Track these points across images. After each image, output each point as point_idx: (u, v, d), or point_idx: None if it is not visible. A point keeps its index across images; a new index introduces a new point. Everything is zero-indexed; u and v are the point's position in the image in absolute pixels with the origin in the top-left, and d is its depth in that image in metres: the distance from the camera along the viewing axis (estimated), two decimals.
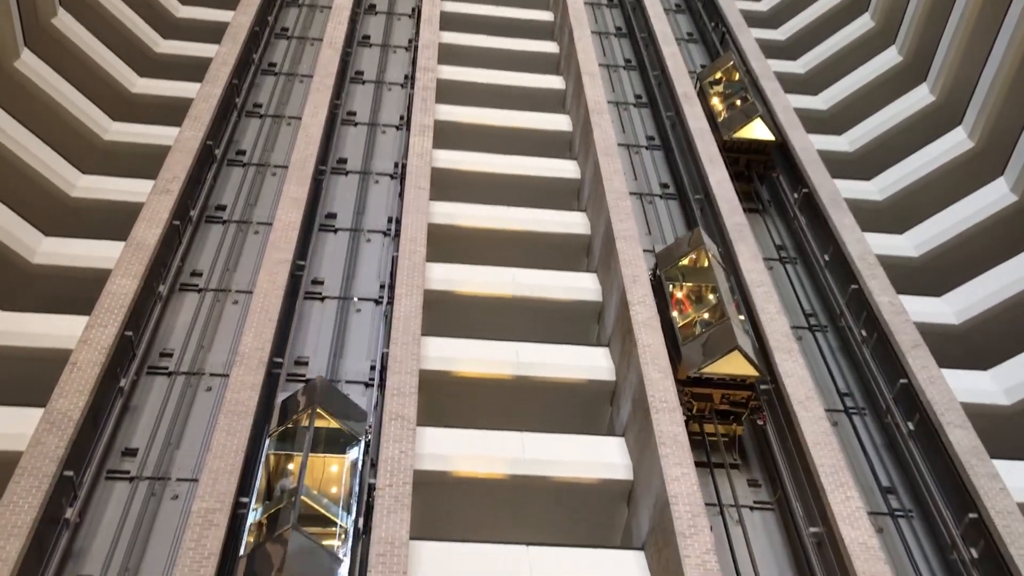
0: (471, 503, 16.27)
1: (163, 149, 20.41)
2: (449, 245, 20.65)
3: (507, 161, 23.47)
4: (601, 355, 18.70)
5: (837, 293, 19.94)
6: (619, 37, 30.04)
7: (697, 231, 19.24)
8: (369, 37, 28.30)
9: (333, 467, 13.87)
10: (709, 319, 17.34)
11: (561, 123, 25.63)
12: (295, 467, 13.41)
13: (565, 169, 23.91)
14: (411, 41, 27.98)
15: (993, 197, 21.94)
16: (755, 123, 22.94)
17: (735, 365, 16.03)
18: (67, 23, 23.79)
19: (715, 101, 24.54)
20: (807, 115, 26.78)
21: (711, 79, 25.31)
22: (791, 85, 28.73)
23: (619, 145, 23.76)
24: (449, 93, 25.62)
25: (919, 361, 17.28)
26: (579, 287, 20.27)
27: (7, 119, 20.20)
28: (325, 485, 13.56)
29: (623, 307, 17.95)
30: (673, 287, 18.33)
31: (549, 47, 29.38)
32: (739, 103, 23.96)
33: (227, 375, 15.92)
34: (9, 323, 17.08)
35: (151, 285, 17.29)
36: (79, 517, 13.67)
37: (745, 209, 21.35)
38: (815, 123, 27.20)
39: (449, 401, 17.66)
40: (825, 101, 28.98)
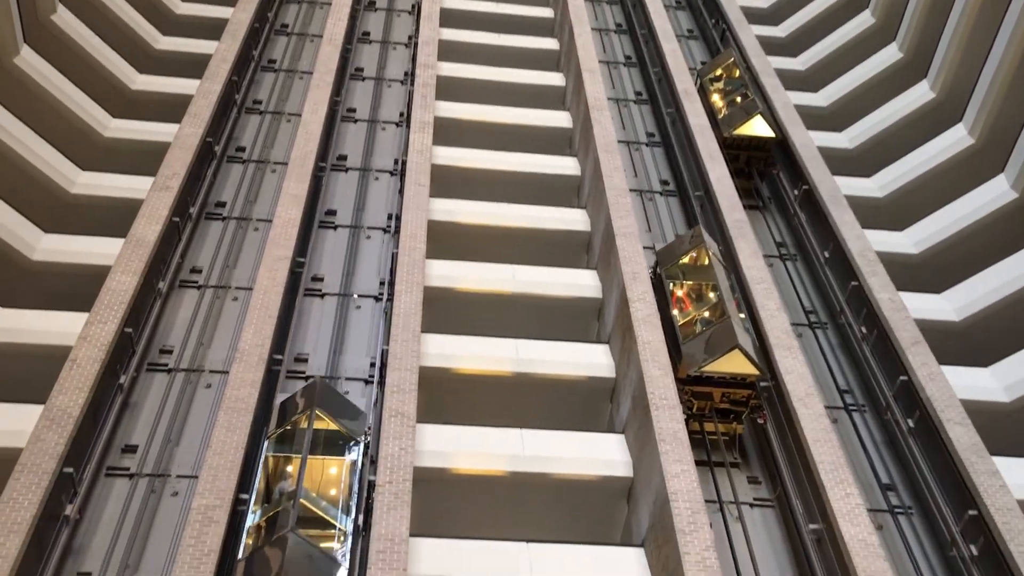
0: (471, 500, 16.28)
1: (163, 146, 20.39)
2: (449, 242, 20.63)
3: (507, 158, 23.44)
4: (601, 352, 18.70)
5: (837, 290, 19.93)
6: (619, 33, 30.00)
7: (698, 229, 19.19)
8: (369, 33, 28.27)
9: (332, 469, 13.82)
10: (710, 318, 17.29)
11: (561, 119, 25.59)
12: (294, 469, 13.38)
13: (565, 166, 23.89)
14: (411, 37, 27.95)
15: (993, 194, 21.92)
16: (755, 120, 22.93)
17: (736, 364, 16.01)
18: (67, 19, 23.75)
19: (715, 98, 24.51)
20: (807, 112, 26.76)
21: (711, 76, 25.28)
22: (791, 82, 28.72)
23: (619, 142, 23.74)
24: (449, 89, 25.58)
25: (919, 358, 17.28)
26: (579, 284, 20.26)
27: (7, 116, 20.17)
28: (324, 486, 13.51)
29: (623, 304, 17.94)
30: (673, 285, 18.27)
31: (549, 43, 29.33)
32: (739, 100, 23.93)
33: (227, 372, 15.91)
34: (9, 320, 17.07)
35: (151, 282, 17.28)
36: (79, 514, 13.67)
37: (745, 206, 21.33)
38: (815, 120, 27.19)
39: (449, 398, 17.67)
40: (825, 98, 28.95)
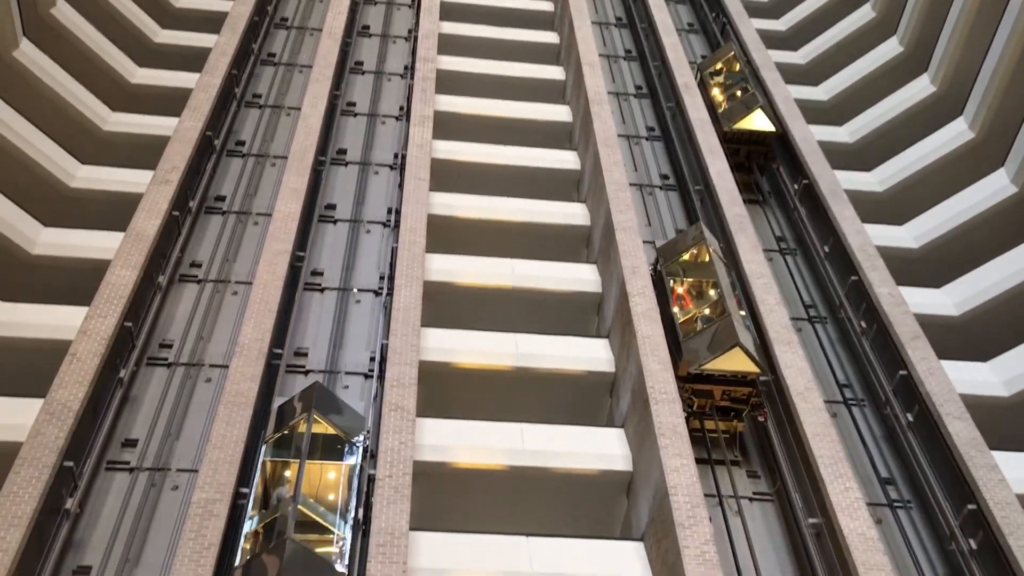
0: (471, 494, 16.30)
1: (162, 139, 20.38)
2: (449, 236, 20.62)
3: (507, 152, 23.42)
4: (601, 346, 18.71)
5: (837, 284, 19.93)
6: (619, 27, 29.95)
7: (698, 225, 19.18)
8: (369, 27, 28.22)
9: (331, 473, 13.77)
10: (710, 315, 17.28)
11: (561, 114, 25.57)
12: (292, 473, 13.33)
13: (565, 160, 23.85)
14: (411, 31, 27.90)
15: (993, 188, 21.91)
16: (755, 114, 22.91)
17: (736, 361, 16.01)
18: (66, 13, 23.72)
19: (715, 92, 24.48)
20: (808, 106, 26.71)
21: (711, 70, 25.24)
22: (792, 76, 28.66)
23: (619, 136, 23.71)
24: (449, 83, 25.55)
25: (918, 352, 17.29)
26: (579, 278, 20.27)
27: (6, 109, 20.16)
28: (322, 491, 13.45)
29: (623, 298, 17.94)
30: (674, 282, 18.25)
31: (549, 37, 29.28)
32: (739, 94, 23.89)
33: (227, 366, 15.93)
34: (9, 314, 17.08)
35: (151, 276, 17.29)
36: (79, 507, 13.71)
37: (745, 200, 21.32)
38: (816, 114, 27.16)
39: (449, 392, 17.68)
40: (826, 92, 28.92)
